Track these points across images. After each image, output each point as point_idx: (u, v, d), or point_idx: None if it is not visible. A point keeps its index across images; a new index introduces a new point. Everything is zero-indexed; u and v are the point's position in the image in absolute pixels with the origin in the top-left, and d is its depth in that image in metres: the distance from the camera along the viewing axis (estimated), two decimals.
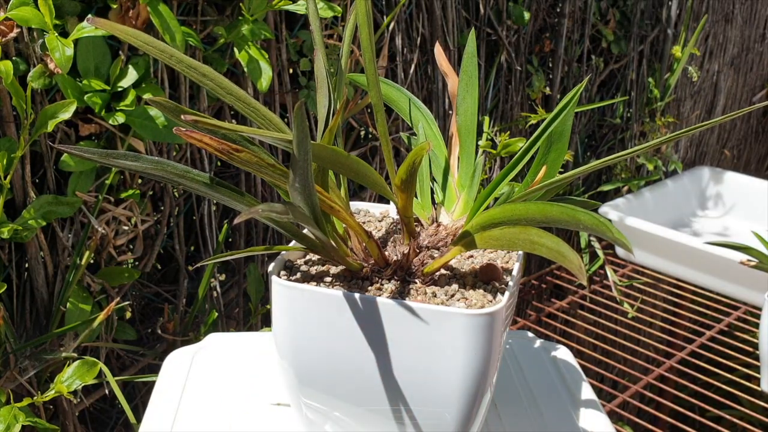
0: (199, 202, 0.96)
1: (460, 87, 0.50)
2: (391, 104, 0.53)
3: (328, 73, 0.43)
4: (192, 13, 0.86)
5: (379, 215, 0.53)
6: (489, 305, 0.40)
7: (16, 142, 0.72)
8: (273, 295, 0.43)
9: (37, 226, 0.74)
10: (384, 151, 0.44)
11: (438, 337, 0.38)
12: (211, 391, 0.58)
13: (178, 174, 0.40)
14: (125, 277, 0.86)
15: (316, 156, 0.37)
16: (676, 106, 1.89)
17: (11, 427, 0.66)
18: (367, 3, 0.39)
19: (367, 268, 0.43)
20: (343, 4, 0.95)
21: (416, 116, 0.52)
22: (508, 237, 0.39)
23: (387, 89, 0.54)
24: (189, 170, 0.41)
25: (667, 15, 1.73)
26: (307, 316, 0.41)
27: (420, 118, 0.52)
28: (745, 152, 2.40)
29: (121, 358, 0.94)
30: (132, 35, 0.39)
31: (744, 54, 2.14)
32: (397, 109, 0.53)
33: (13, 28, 0.68)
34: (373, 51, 0.40)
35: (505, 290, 0.42)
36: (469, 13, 1.24)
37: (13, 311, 0.80)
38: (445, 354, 0.39)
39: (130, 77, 0.77)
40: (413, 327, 0.39)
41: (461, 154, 0.49)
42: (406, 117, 0.53)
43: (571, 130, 0.46)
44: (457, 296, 0.41)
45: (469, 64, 0.51)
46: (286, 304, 0.42)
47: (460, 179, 0.48)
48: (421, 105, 0.53)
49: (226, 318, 1.03)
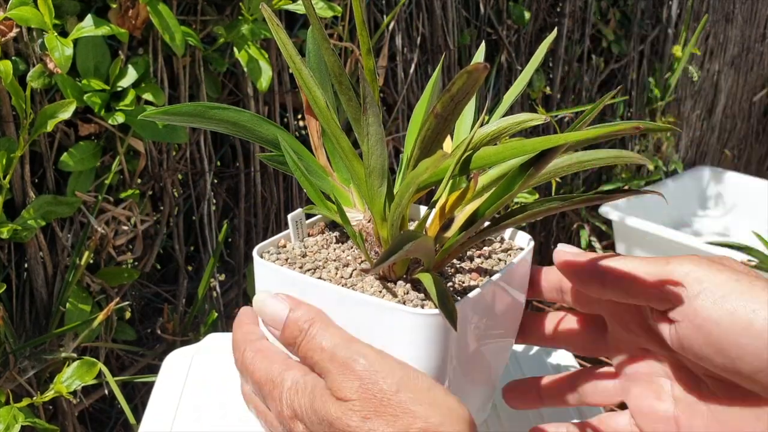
0: (198, 202, 0.96)
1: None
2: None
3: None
4: (192, 13, 0.86)
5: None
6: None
7: (15, 141, 0.72)
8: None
9: (36, 226, 0.74)
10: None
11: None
12: (211, 391, 0.58)
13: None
14: (125, 277, 0.86)
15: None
16: (676, 105, 1.89)
17: (11, 428, 0.66)
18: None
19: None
20: (343, 4, 0.95)
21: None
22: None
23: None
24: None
25: (668, 15, 1.73)
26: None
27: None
28: (745, 152, 2.40)
29: (121, 359, 0.94)
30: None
31: (744, 54, 2.14)
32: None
33: (13, 27, 0.68)
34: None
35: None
36: (469, 12, 1.24)
37: (12, 311, 0.80)
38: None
39: (129, 77, 0.77)
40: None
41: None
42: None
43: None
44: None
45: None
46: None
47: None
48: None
49: (225, 318, 1.03)
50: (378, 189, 0.39)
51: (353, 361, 0.36)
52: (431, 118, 0.35)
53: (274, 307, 0.39)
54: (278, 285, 0.42)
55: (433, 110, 0.34)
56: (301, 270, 0.42)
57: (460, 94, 0.32)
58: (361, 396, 0.34)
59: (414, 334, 0.37)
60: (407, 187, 0.36)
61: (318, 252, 0.45)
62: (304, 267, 0.43)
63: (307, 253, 0.45)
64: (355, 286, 0.41)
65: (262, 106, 0.96)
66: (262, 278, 0.43)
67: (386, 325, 0.38)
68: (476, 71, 0.31)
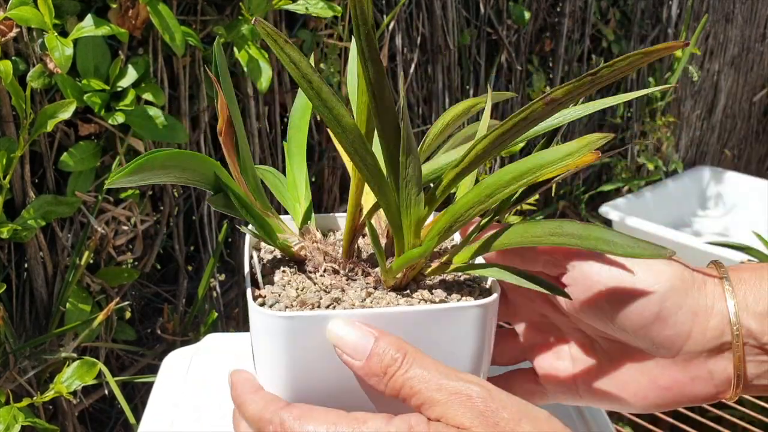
0: (198, 202, 0.96)
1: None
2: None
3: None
4: (192, 13, 0.86)
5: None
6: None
7: (15, 141, 0.72)
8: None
9: (36, 226, 0.74)
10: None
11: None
12: (210, 391, 0.58)
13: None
14: (125, 277, 0.86)
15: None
16: (676, 105, 1.89)
17: (11, 428, 0.66)
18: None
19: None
20: (343, 4, 0.95)
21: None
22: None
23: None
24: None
25: (668, 14, 1.73)
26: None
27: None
28: (745, 152, 2.40)
29: (121, 359, 0.94)
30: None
31: (744, 54, 2.14)
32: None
33: (13, 27, 0.68)
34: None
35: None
36: (469, 12, 1.24)
37: (12, 311, 0.80)
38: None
39: (129, 77, 0.77)
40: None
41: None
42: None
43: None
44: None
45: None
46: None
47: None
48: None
49: (225, 318, 1.03)
50: (416, 197, 0.39)
51: (467, 389, 0.35)
52: (539, 105, 0.35)
53: (355, 336, 0.37)
54: (316, 332, 0.37)
55: (546, 97, 0.34)
56: (327, 308, 0.39)
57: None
58: (482, 423, 0.34)
59: (472, 326, 0.38)
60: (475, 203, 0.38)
61: (300, 287, 0.41)
62: (323, 304, 0.39)
63: (296, 291, 0.41)
64: (380, 304, 0.40)
65: (262, 106, 0.96)
66: (298, 333, 0.37)
67: (446, 326, 0.38)
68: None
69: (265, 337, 0.38)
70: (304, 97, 0.47)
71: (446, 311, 0.38)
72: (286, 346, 0.37)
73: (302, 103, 0.48)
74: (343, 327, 0.37)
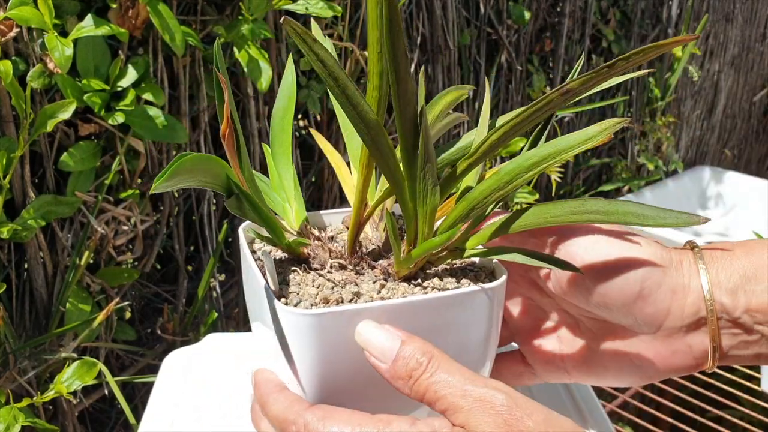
0: (198, 202, 0.96)
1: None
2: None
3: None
4: (192, 13, 0.86)
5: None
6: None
7: (15, 141, 0.72)
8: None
9: (36, 226, 0.74)
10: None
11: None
12: (210, 391, 0.58)
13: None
14: (125, 277, 0.86)
15: None
16: (676, 105, 1.89)
17: (11, 428, 0.66)
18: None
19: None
20: (343, 4, 0.95)
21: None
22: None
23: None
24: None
25: (668, 14, 1.73)
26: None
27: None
28: (745, 152, 2.40)
29: (121, 359, 0.94)
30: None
31: (744, 53, 2.14)
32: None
33: (13, 27, 0.68)
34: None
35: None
36: (469, 12, 1.24)
37: (12, 311, 0.80)
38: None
39: (129, 77, 0.77)
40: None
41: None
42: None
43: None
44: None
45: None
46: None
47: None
48: None
49: (225, 318, 1.03)
50: (432, 188, 0.40)
51: (492, 396, 0.35)
52: (556, 94, 0.35)
53: (383, 338, 0.37)
54: (345, 327, 0.38)
55: (563, 87, 0.35)
56: (349, 303, 0.39)
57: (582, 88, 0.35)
58: (506, 431, 0.34)
59: (486, 309, 0.40)
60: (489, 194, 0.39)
61: (316, 284, 0.41)
62: (345, 299, 0.40)
63: (315, 288, 0.41)
64: (396, 295, 0.40)
65: (262, 106, 0.96)
66: (326, 330, 0.38)
67: (461, 311, 0.39)
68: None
69: (293, 336, 0.38)
70: (286, 98, 0.48)
71: (462, 296, 0.39)
72: (314, 343, 0.38)
73: (284, 104, 0.49)
74: (371, 329, 0.37)
